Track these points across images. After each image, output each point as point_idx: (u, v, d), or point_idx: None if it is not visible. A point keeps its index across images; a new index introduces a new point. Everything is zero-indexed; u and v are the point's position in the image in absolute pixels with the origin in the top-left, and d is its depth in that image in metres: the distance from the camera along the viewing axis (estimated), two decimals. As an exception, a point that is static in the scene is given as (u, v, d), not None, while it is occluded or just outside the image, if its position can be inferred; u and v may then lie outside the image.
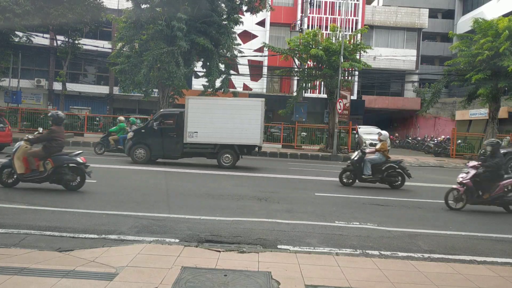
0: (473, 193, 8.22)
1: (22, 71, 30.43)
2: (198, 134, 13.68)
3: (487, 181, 8.22)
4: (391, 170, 10.60)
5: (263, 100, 14.15)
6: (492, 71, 19.59)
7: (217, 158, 13.74)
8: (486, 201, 8.25)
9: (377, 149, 11.00)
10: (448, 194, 8.37)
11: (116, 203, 7.27)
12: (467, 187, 8.20)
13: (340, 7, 31.46)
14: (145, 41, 20.77)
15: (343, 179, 10.78)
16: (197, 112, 13.95)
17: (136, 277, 3.84)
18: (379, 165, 10.69)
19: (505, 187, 8.17)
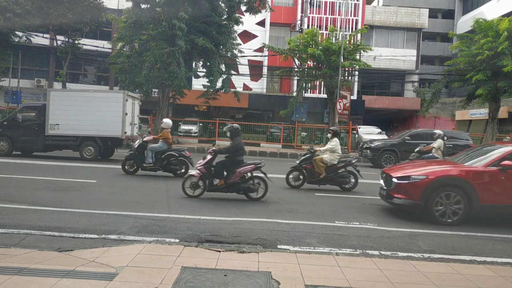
0: (209, 180, 8.01)
1: (22, 71, 30.43)
2: (60, 126, 13.75)
3: (221, 168, 8.02)
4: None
5: (124, 92, 14.36)
6: (492, 71, 19.59)
7: (79, 151, 13.88)
8: (222, 188, 7.99)
9: (158, 137, 10.93)
10: (184, 182, 8.15)
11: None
12: (202, 174, 7.99)
13: (340, 7, 31.47)
14: (145, 41, 20.78)
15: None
16: (59, 104, 13.91)
17: (136, 277, 3.84)
18: (160, 153, 10.59)
19: (242, 174, 7.97)
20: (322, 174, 9.66)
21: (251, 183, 8.08)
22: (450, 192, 6.83)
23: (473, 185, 6.79)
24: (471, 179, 6.83)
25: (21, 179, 9.19)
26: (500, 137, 23.37)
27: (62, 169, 11.50)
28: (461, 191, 6.81)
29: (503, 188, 6.87)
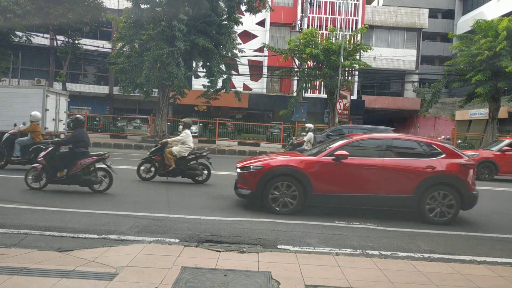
0: (49, 172, 7.93)
1: (22, 71, 30.44)
2: None
3: (61, 159, 7.97)
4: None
5: (44, 88, 14.43)
6: (492, 71, 19.60)
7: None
8: (62, 180, 7.96)
9: (25, 130, 10.64)
10: (27, 174, 8.04)
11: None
12: (43, 166, 7.90)
13: (340, 7, 31.48)
14: (145, 41, 20.78)
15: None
16: None
17: (136, 277, 3.84)
18: (28, 146, 10.34)
19: (83, 166, 7.90)
20: (171, 166, 9.56)
21: (94, 175, 8.02)
22: (284, 182, 6.90)
23: (307, 175, 6.86)
24: (306, 169, 6.90)
25: (21, 179, 9.19)
26: (500, 137, 23.38)
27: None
28: (295, 181, 6.89)
29: (336, 178, 6.96)
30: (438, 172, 6.84)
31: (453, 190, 6.84)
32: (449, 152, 7.06)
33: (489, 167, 14.03)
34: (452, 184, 6.86)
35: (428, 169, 6.84)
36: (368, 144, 7.49)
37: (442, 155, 7.00)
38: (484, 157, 14.19)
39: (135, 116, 28.60)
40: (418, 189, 6.78)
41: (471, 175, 7.00)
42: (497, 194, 11.36)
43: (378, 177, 6.86)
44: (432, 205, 6.85)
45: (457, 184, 6.85)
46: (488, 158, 14.10)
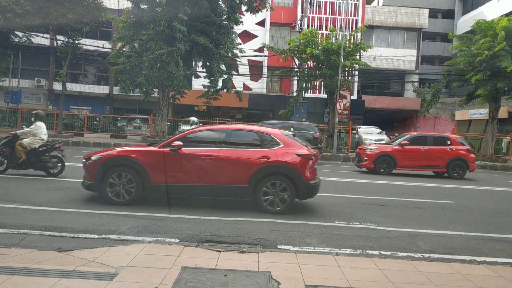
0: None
1: (22, 71, 30.44)
2: None
3: None
4: None
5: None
6: (492, 71, 19.60)
7: None
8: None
9: None
10: None
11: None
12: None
13: (340, 7, 31.47)
14: (145, 41, 20.78)
15: None
16: None
17: (136, 277, 3.84)
18: None
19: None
20: (21, 159, 9.34)
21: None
22: (122, 172, 6.90)
23: (144, 165, 6.85)
24: (143, 160, 6.90)
25: (21, 179, 9.20)
26: (500, 137, 23.39)
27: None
28: (132, 171, 6.89)
29: (173, 169, 6.97)
30: (272, 162, 6.86)
31: (287, 180, 6.88)
32: (287, 142, 7.08)
33: (388, 161, 14.13)
34: (286, 174, 6.89)
35: (263, 159, 6.87)
36: (208, 135, 7.54)
37: (279, 145, 7.03)
38: (382, 151, 14.33)
39: (135, 116, 28.61)
40: (253, 178, 6.83)
41: (308, 166, 7.01)
42: (497, 194, 11.37)
43: (214, 167, 6.90)
44: (267, 195, 6.90)
45: (291, 174, 6.88)
46: (386, 152, 14.23)
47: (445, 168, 14.27)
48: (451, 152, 14.27)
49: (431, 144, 14.41)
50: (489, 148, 21.65)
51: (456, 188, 11.78)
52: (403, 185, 11.85)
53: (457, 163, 14.28)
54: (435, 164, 14.28)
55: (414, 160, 14.21)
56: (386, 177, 13.41)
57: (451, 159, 14.19)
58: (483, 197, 10.49)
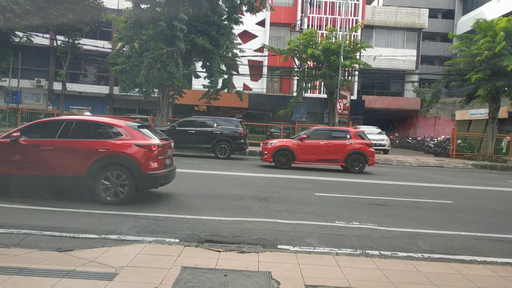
0: None
1: (22, 71, 30.44)
2: None
3: None
4: None
5: None
6: (492, 71, 19.60)
7: None
8: None
9: None
10: None
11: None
12: None
13: (340, 7, 31.47)
14: (145, 41, 20.78)
15: None
16: None
17: (136, 277, 3.84)
18: None
19: None
20: None
21: None
22: None
23: None
24: None
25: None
26: (500, 137, 23.39)
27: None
28: None
29: (13, 160, 7.05)
30: (111, 152, 6.87)
31: (126, 170, 6.89)
32: (131, 134, 7.06)
33: (286, 155, 14.24)
34: (124, 164, 6.90)
35: (101, 149, 6.87)
36: (49, 126, 7.45)
37: (121, 136, 7.03)
38: (281, 145, 14.41)
39: (135, 116, 28.58)
40: (91, 169, 6.82)
41: (150, 156, 7.01)
42: (497, 194, 11.37)
43: (52, 158, 6.94)
44: (107, 185, 6.89)
45: (129, 164, 6.89)
46: (285, 147, 14.32)
47: (344, 162, 14.32)
48: (350, 146, 14.30)
49: (330, 138, 14.52)
50: (489, 148, 21.65)
51: (456, 188, 11.78)
52: (404, 185, 11.85)
53: (355, 157, 14.28)
54: (334, 158, 14.33)
55: (312, 154, 14.30)
56: (382, 177, 13.42)
57: (350, 153, 14.23)
58: (483, 197, 10.48)
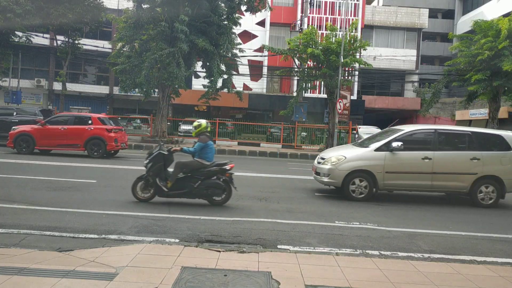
0: None
1: (22, 71, 30.42)
2: None
3: None
4: None
5: None
6: (492, 71, 19.59)
7: None
8: None
9: None
10: None
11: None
12: None
13: (340, 7, 31.48)
14: (145, 41, 20.77)
15: None
16: None
17: (136, 277, 3.84)
18: None
19: None
20: None
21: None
22: None
23: None
24: None
25: (21, 179, 9.20)
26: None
27: (62, 169, 11.50)
28: None
29: None
30: None
31: None
32: None
33: (27, 140, 14.27)
34: None
35: None
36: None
37: None
38: (22, 130, 14.44)
39: (135, 116, 28.60)
40: None
41: None
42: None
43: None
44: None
45: None
46: (25, 132, 14.36)
47: (83, 147, 14.42)
48: (89, 131, 14.39)
49: (72, 124, 14.58)
50: (489, 148, 21.62)
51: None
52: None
53: (94, 142, 14.36)
54: (73, 143, 14.40)
55: (52, 139, 14.37)
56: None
57: (89, 138, 14.33)
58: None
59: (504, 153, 8.82)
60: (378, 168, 8.56)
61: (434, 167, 8.57)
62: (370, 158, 8.68)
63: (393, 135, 8.87)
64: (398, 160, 8.60)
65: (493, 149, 8.91)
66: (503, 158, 8.77)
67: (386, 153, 8.62)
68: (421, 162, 8.60)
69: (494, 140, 9.07)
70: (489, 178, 8.74)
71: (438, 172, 8.61)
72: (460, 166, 8.70)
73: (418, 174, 8.66)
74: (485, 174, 8.68)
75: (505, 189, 8.80)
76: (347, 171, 8.59)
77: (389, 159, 8.58)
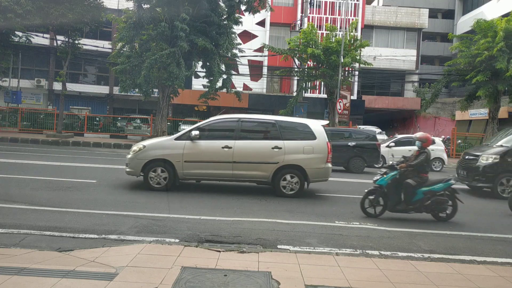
0: None
1: (22, 71, 30.42)
2: None
3: None
4: None
5: None
6: (492, 72, 19.61)
7: None
8: None
9: None
10: None
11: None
12: None
13: (340, 7, 31.46)
14: (145, 41, 20.77)
15: None
16: None
17: (136, 277, 3.84)
18: None
19: None
20: None
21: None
22: None
23: None
24: None
25: (21, 179, 9.19)
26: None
27: (62, 169, 11.50)
28: None
29: None
30: None
31: None
32: None
33: None
34: None
35: None
36: None
37: None
38: None
39: (135, 116, 28.57)
40: None
41: None
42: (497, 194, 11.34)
43: None
44: None
45: None
46: None
47: None
48: None
49: None
50: (489, 148, 21.64)
51: (456, 188, 11.77)
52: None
53: None
54: None
55: None
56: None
57: None
58: (483, 197, 10.48)
59: (307, 142, 8.50)
60: (177, 157, 8.32)
61: (235, 156, 8.33)
62: (170, 147, 8.46)
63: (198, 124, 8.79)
64: (198, 149, 8.39)
65: (297, 138, 8.62)
66: (306, 147, 8.43)
67: (186, 142, 8.41)
68: (221, 151, 8.34)
69: (300, 129, 8.81)
70: (292, 167, 8.42)
71: (239, 161, 8.35)
72: (261, 155, 8.43)
73: (218, 163, 8.39)
74: (287, 163, 8.36)
75: (308, 178, 8.56)
76: (145, 160, 8.36)
77: (188, 148, 8.36)
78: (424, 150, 7.15)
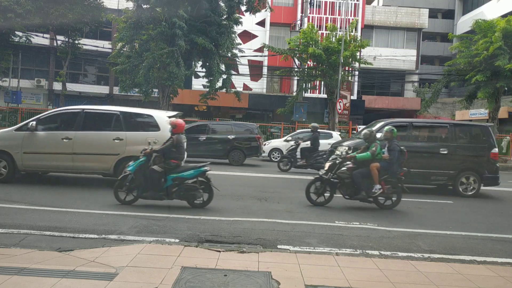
0: None
1: (22, 71, 30.41)
2: None
3: None
4: None
5: None
6: (491, 71, 19.61)
7: None
8: None
9: None
10: None
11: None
12: None
13: (340, 7, 31.45)
14: (145, 41, 20.77)
15: None
16: None
17: (136, 277, 3.84)
18: None
19: None
20: None
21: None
22: None
23: None
24: None
25: (21, 178, 9.19)
26: (500, 137, 23.39)
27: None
28: None
29: None
30: None
31: None
32: None
33: None
34: None
35: None
36: None
37: None
38: None
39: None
40: None
41: None
42: (497, 194, 11.35)
43: None
44: None
45: None
46: None
47: None
48: None
49: None
50: (489, 148, 21.64)
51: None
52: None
53: None
54: None
55: None
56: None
57: None
58: (483, 197, 10.48)
59: (151, 133, 8.30)
60: (16, 148, 8.28)
61: (75, 148, 8.24)
62: (9, 138, 8.42)
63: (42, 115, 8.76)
64: (36, 141, 8.33)
65: (141, 129, 8.54)
66: (150, 139, 7.98)
67: (25, 133, 8.34)
68: (61, 142, 8.24)
69: (145, 120, 8.73)
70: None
71: (79, 153, 8.28)
72: (102, 147, 8.34)
73: (57, 155, 8.34)
74: (128, 154, 8.17)
75: None
76: None
77: (27, 139, 8.30)
78: (171, 136, 7.20)
